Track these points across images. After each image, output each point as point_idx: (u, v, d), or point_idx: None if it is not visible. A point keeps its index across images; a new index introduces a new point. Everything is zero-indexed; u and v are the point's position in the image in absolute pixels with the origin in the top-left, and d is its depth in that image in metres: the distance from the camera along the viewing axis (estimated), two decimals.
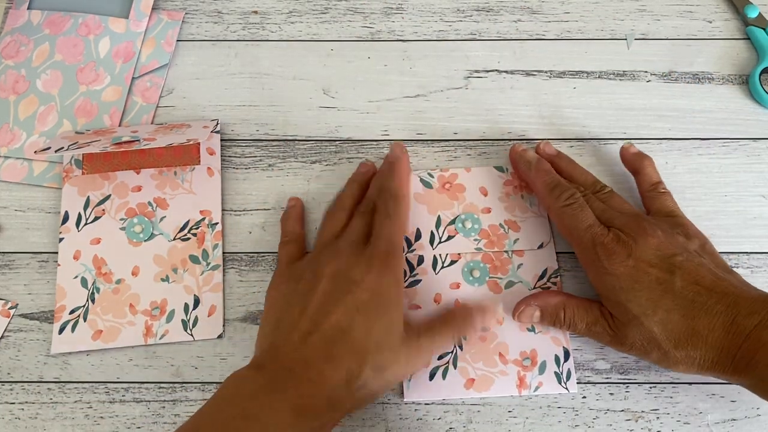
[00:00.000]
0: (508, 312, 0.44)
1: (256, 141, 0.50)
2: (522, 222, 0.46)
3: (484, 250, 0.46)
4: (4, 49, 0.52)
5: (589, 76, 0.52)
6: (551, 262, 0.46)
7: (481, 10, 0.53)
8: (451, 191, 0.47)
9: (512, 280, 0.45)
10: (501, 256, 0.46)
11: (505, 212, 0.47)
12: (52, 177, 0.49)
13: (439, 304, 0.45)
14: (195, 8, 0.54)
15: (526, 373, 0.43)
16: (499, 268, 0.45)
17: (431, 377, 0.43)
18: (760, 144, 0.50)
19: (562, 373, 0.43)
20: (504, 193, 0.47)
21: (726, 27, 0.53)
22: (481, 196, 0.47)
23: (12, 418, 0.44)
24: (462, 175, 0.48)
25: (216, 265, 0.47)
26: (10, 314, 0.46)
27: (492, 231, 0.46)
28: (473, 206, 0.47)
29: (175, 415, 0.44)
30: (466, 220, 0.46)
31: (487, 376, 0.43)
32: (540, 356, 0.44)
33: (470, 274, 0.45)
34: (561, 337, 0.44)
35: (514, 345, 0.44)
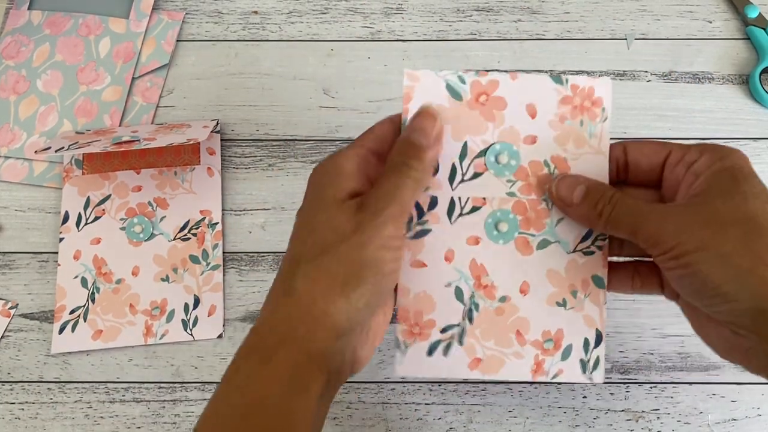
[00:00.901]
0: (535, 282, 0.35)
1: (256, 141, 0.50)
2: (574, 160, 0.35)
3: (518, 195, 0.35)
4: (4, 49, 0.52)
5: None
6: None
7: (481, 10, 0.53)
8: (487, 107, 0.35)
9: (547, 239, 0.35)
10: (538, 205, 0.35)
11: (554, 144, 0.35)
12: (52, 177, 0.49)
13: (451, 263, 0.35)
14: (195, 8, 0.54)
15: (546, 357, 0.35)
16: (533, 222, 0.35)
17: (430, 352, 0.35)
18: (760, 144, 0.50)
19: (589, 360, 0.35)
20: (558, 115, 0.35)
21: (726, 27, 0.53)
22: (526, 117, 0.35)
23: (12, 418, 0.44)
24: (505, 83, 0.35)
25: (216, 265, 0.47)
26: (11, 314, 0.46)
27: (533, 170, 0.35)
28: (514, 132, 0.35)
29: (175, 415, 0.44)
30: (501, 153, 0.35)
31: (497, 357, 0.35)
32: (566, 338, 0.35)
33: (495, 228, 0.35)
34: (596, 316, 0.35)
35: (536, 322, 0.35)
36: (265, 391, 0.29)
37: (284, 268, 0.32)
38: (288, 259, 0.32)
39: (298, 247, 0.32)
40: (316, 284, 0.30)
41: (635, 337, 0.46)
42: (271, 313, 0.31)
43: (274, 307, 0.31)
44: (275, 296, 0.31)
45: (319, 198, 0.32)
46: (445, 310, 0.35)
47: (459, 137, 0.35)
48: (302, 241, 0.32)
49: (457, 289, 0.35)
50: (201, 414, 0.30)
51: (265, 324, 0.31)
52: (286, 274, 0.31)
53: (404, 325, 0.35)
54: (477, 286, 0.35)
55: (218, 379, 0.45)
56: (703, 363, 0.45)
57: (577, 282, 0.35)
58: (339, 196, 0.31)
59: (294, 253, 0.32)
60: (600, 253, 0.35)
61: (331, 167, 0.32)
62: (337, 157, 0.33)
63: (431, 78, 0.35)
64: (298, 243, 0.32)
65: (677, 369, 0.45)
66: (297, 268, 0.31)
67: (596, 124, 0.35)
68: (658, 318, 0.46)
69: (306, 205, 0.33)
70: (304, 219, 0.32)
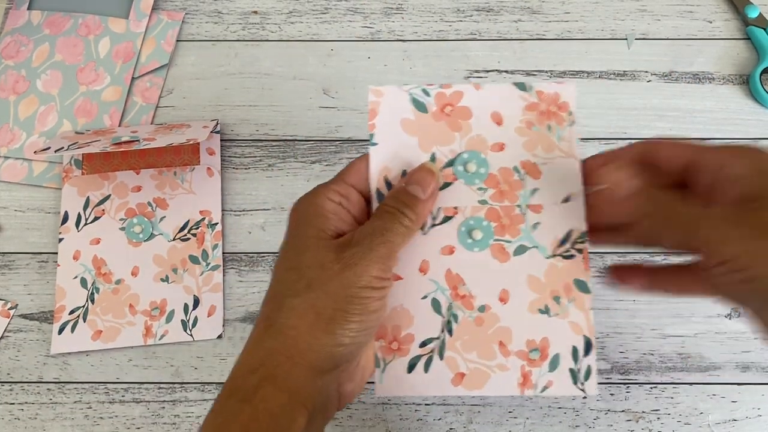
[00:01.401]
0: (515, 290, 0.34)
1: (256, 141, 0.50)
2: (545, 165, 0.35)
3: (490, 203, 0.34)
4: (4, 49, 0.52)
5: (589, 76, 0.52)
6: (577, 223, 0.34)
7: (481, 10, 0.53)
8: (452, 117, 0.35)
9: (524, 245, 0.34)
10: (512, 211, 0.34)
11: (523, 150, 0.35)
12: (51, 177, 0.49)
13: (426, 274, 0.34)
14: (195, 8, 0.54)
15: (533, 369, 0.34)
16: (508, 228, 0.34)
17: (411, 369, 0.34)
18: (761, 144, 0.50)
19: (579, 370, 0.33)
20: (525, 121, 0.35)
21: (726, 27, 0.53)
22: (492, 125, 0.35)
23: (12, 418, 0.44)
24: (469, 94, 0.35)
25: (216, 265, 0.47)
26: (10, 314, 0.46)
27: (503, 177, 0.35)
28: (481, 140, 0.35)
29: (174, 416, 0.44)
30: (469, 162, 0.34)
31: (481, 371, 0.34)
32: (553, 347, 0.34)
33: (469, 236, 0.34)
34: (582, 322, 0.34)
35: (519, 331, 0.34)
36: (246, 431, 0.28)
37: (267, 304, 0.31)
38: (271, 296, 0.31)
39: (281, 284, 0.31)
40: (302, 320, 0.30)
41: (635, 337, 0.46)
42: (253, 349, 0.30)
43: (257, 342, 0.30)
44: (258, 332, 0.31)
45: (302, 236, 0.32)
46: (423, 323, 0.34)
47: (427, 149, 0.35)
48: (286, 278, 0.31)
49: (434, 301, 0.34)
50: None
51: (246, 361, 0.30)
52: (270, 310, 0.31)
53: (382, 342, 0.34)
54: (454, 296, 0.34)
55: (218, 380, 0.45)
56: (703, 363, 0.45)
57: (559, 287, 0.34)
58: (323, 236, 0.31)
59: (277, 290, 0.31)
60: (580, 256, 0.34)
61: (312, 207, 0.32)
62: (318, 196, 0.32)
63: (396, 93, 0.35)
64: (282, 280, 0.31)
65: (677, 369, 0.45)
66: (282, 303, 0.30)
67: (564, 128, 0.35)
68: (658, 318, 0.46)
69: (289, 243, 0.32)
70: (288, 257, 0.32)
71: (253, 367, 0.29)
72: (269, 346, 0.30)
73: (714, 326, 0.46)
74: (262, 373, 0.29)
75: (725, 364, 0.45)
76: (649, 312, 0.46)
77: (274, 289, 0.31)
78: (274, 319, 0.30)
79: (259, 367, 0.29)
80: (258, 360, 0.29)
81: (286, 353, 0.29)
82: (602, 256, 0.47)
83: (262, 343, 0.30)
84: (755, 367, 0.45)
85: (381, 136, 0.35)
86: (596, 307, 0.46)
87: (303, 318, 0.30)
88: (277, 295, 0.31)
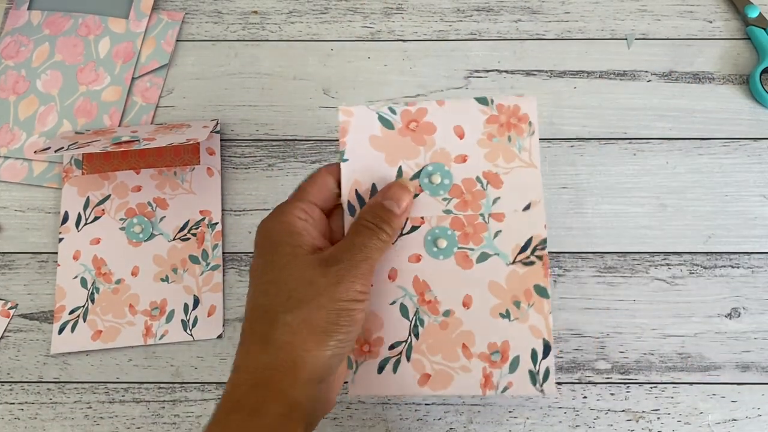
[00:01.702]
0: (478, 295, 0.36)
1: (256, 141, 0.50)
2: (506, 174, 0.36)
3: (454, 212, 0.36)
4: (4, 49, 0.52)
5: (589, 76, 0.52)
6: (538, 229, 0.36)
7: (481, 10, 0.53)
8: (417, 133, 0.37)
9: (486, 252, 0.36)
10: (475, 220, 0.36)
11: (484, 161, 0.36)
12: (52, 177, 0.49)
13: (395, 281, 0.36)
14: (195, 8, 0.54)
15: (494, 370, 0.35)
16: (471, 236, 0.36)
17: (380, 370, 0.36)
18: (761, 144, 0.50)
19: (538, 372, 0.35)
20: (486, 134, 0.37)
21: (726, 27, 0.53)
22: (455, 139, 0.37)
23: (12, 418, 0.44)
24: (432, 110, 0.37)
25: (216, 265, 0.47)
26: (10, 314, 0.46)
27: (466, 187, 0.36)
28: (444, 153, 0.37)
29: (174, 416, 0.44)
30: (434, 174, 0.36)
31: (446, 372, 0.36)
32: (513, 350, 0.35)
33: (434, 244, 0.36)
34: (542, 326, 0.35)
35: (481, 335, 0.35)
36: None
37: (256, 319, 0.33)
38: (258, 311, 0.33)
39: (267, 297, 0.32)
40: (296, 335, 0.31)
41: (635, 337, 0.46)
42: (252, 364, 0.32)
43: (255, 357, 0.32)
44: (252, 347, 0.32)
45: (279, 253, 0.33)
46: (392, 327, 0.36)
47: (393, 163, 0.37)
48: (271, 293, 0.32)
49: (402, 306, 0.36)
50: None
51: (245, 376, 0.31)
52: (263, 327, 0.32)
53: (354, 344, 0.36)
54: (421, 301, 0.36)
55: (218, 380, 0.45)
56: (703, 363, 0.45)
57: (520, 293, 0.36)
58: (300, 252, 0.33)
59: (263, 304, 0.32)
60: (540, 263, 0.35)
61: (284, 225, 0.34)
62: (286, 215, 0.34)
63: (364, 112, 0.37)
64: (266, 293, 0.33)
65: (677, 369, 0.45)
66: (275, 319, 0.31)
67: (524, 138, 0.36)
68: (658, 318, 0.46)
69: (264, 259, 0.33)
70: (266, 271, 0.33)
71: (254, 383, 0.31)
72: (268, 361, 0.31)
73: (714, 326, 0.46)
74: (263, 388, 0.31)
75: (725, 364, 0.45)
76: (649, 312, 0.46)
77: (259, 303, 0.33)
78: (270, 336, 0.31)
79: (260, 382, 0.31)
80: (258, 375, 0.31)
81: (285, 368, 0.31)
82: (602, 256, 0.47)
83: (260, 358, 0.31)
84: (755, 367, 0.45)
85: (351, 153, 0.37)
86: (596, 307, 0.46)
87: (297, 333, 0.31)
88: (267, 310, 0.32)
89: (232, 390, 0.31)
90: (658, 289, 0.47)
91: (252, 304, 0.33)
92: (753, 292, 0.46)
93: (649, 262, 0.47)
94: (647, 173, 0.49)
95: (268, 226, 0.34)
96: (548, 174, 0.49)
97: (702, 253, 0.47)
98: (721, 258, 0.47)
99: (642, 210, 0.48)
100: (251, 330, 0.33)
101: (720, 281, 0.47)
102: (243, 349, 0.32)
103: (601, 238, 0.48)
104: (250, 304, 0.33)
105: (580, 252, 0.47)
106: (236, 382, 0.31)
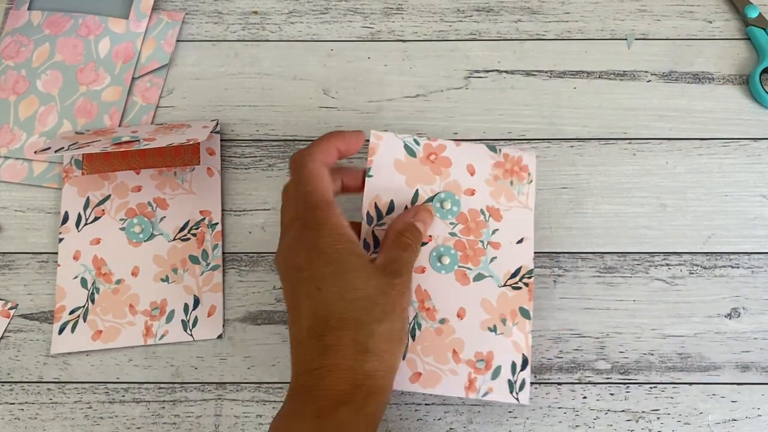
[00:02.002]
0: (471, 309, 0.41)
1: (256, 141, 0.50)
2: (506, 211, 0.43)
3: (459, 236, 0.42)
4: (4, 49, 0.52)
5: (589, 76, 0.52)
6: (527, 260, 0.42)
7: (481, 10, 0.53)
8: (435, 164, 0.43)
9: (482, 273, 0.42)
10: (475, 245, 0.42)
11: (489, 197, 0.43)
12: (52, 177, 0.49)
13: None
14: (195, 9, 0.54)
15: (478, 375, 0.40)
16: (471, 258, 0.42)
17: None
18: (761, 144, 0.50)
19: (515, 381, 0.40)
20: (492, 175, 0.43)
21: (726, 27, 0.53)
22: (467, 174, 0.43)
23: (12, 418, 0.44)
24: (450, 148, 0.43)
25: (216, 265, 0.47)
26: (10, 314, 0.46)
27: (471, 216, 0.42)
28: (456, 185, 0.43)
29: (174, 416, 0.44)
30: (445, 200, 0.42)
31: (436, 372, 0.40)
32: (496, 360, 0.40)
33: (438, 260, 0.41)
34: (522, 342, 0.41)
35: (470, 344, 0.40)
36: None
37: (344, 327, 0.35)
38: (344, 319, 0.35)
39: (349, 307, 0.36)
40: (386, 343, 0.36)
41: (635, 337, 0.46)
42: (352, 368, 0.35)
43: (352, 361, 0.35)
44: (347, 352, 0.35)
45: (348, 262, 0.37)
46: None
47: (412, 186, 0.43)
48: (355, 303, 0.36)
49: None
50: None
51: (345, 376, 0.35)
52: (357, 335, 0.35)
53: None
54: (420, 308, 0.41)
55: (218, 380, 0.45)
56: (703, 363, 0.45)
57: (507, 312, 0.41)
58: (364, 260, 0.37)
59: (349, 314, 0.35)
60: (526, 288, 0.42)
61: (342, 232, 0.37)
62: (342, 227, 0.38)
63: (393, 139, 0.43)
64: (347, 303, 0.36)
65: (677, 369, 0.45)
66: (370, 330, 0.35)
67: (524, 185, 0.43)
68: (657, 318, 0.46)
69: (330, 269, 0.36)
70: (339, 281, 0.36)
71: (357, 384, 0.35)
72: (370, 367, 0.35)
73: (714, 326, 0.46)
74: (365, 388, 0.35)
75: (725, 364, 0.45)
76: (649, 312, 0.46)
77: (339, 309, 0.36)
78: (368, 345, 0.35)
79: (362, 384, 0.35)
80: (360, 378, 0.35)
81: (385, 373, 0.36)
82: (602, 256, 0.47)
83: (363, 365, 0.35)
84: (755, 367, 0.45)
85: (376, 171, 0.42)
86: (596, 307, 0.46)
87: (387, 341, 0.36)
88: (358, 319, 0.35)
89: (333, 388, 0.34)
90: (657, 289, 0.47)
91: (329, 309, 0.35)
92: (753, 292, 0.46)
93: (648, 262, 0.47)
94: (647, 173, 0.49)
95: (327, 232, 0.37)
96: (548, 174, 0.49)
97: (702, 253, 0.47)
98: (721, 258, 0.47)
99: (642, 210, 0.48)
100: (341, 336, 0.35)
101: (720, 281, 0.47)
102: (334, 351, 0.35)
103: (601, 238, 0.48)
104: (325, 309, 0.35)
105: (579, 252, 0.47)
106: (335, 381, 0.34)
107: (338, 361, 0.35)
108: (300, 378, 0.36)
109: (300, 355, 0.36)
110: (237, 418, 0.44)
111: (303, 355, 0.36)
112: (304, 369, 0.36)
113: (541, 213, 0.48)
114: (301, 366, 0.36)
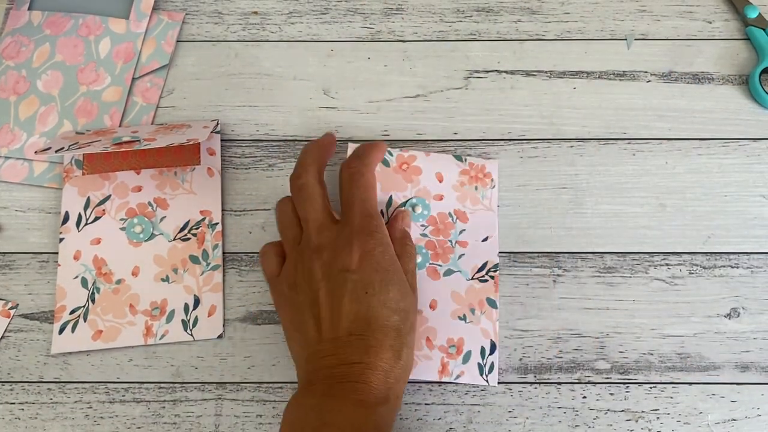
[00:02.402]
0: (442, 300, 0.45)
1: (256, 141, 0.50)
2: (471, 214, 0.47)
3: (429, 236, 0.46)
4: (4, 49, 0.52)
5: (589, 76, 0.52)
6: (492, 256, 0.46)
7: (481, 11, 0.53)
8: (407, 172, 0.47)
9: (451, 269, 0.46)
10: (445, 244, 0.46)
11: (456, 202, 0.47)
12: (52, 177, 0.49)
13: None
14: (195, 9, 0.54)
15: (450, 360, 0.44)
16: (441, 256, 0.46)
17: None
18: (760, 144, 0.50)
19: (485, 365, 0.44)
20: (459, 182, 0.47)
21: (726, 27, 0.53)
22: (435, 181, 0.47)
23: (12, 418, 0.44)
24: (421, 158, 0.48)
25: (216, 265, 0.47)
26: (11, 314, 0.46)
27: (440, 219, 0.46)
28: (426, 191, 0.47)
29: (175, 416, 0.44)
30: (416, 205, 0.46)
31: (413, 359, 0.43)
32: (466, 346, 0.44)
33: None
34: (490, 329, 0.44)
35: (442, 331, 0.44)
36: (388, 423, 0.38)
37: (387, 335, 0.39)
38: (391, 330, 0.39)
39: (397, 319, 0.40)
40: (411, 352, 0.41)
41: (635, 337, 0.46)
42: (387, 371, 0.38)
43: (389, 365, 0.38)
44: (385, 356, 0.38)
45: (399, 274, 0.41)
46: None
47: (386, 191, 0.47)
48: (402, 316, 0.40)
49: None
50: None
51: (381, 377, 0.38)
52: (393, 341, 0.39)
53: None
54: None
55: (218, 380, 0.45)
56: (702, 363, 0.45)
57: (475, 302, 0.45)
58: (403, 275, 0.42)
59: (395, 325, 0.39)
60: (492, 281, 0.45)
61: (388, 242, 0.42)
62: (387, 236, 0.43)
63: None
64: (399, 317, 0.40)
65: (677, 369, 0.45)
66: (404, 340, 0.40)
67: (487, 190, 0.48)
68: (657, 318, 0.46)
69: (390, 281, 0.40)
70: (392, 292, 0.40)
71: (389, 385, 0.38)
72: (398, 374, 0.39)
73: (714, 326, 0.46)
74: (395, 393, 0.39)
75: (725, 364, 0.45)
76: (649, 312, 0.46)
77: (392, 322, 0.39)
78: (401, 353, 0.39)
79: (393, 385, 0.38)
80: (392, 382, 0.38)
81: (403, 382, 0.40)
82: (602, 256, 0.47)
83: (395, 370, 0.39)
84: (755, 367, 0.45)
85: None
86: (595, 307, 0.46)
87: (411, 353, 0.41)
88: (396, 329, 0.39)
89: (371, 383, 0.37)
90: (657, 289, 0.47)
91: (372, 314, 0.39)
92: (752, 292, 0.46)
93: (648, 262, 0.47)
94: (647, 173, 0.49)
95: (379, 241, 0.41)
96: (548, 174, 0.49)
97: (701, 253, 0.47)
98: (721, 258, 0.47)
99: (641, 210, 0.48)
100: (381, 339, 0.38)
101: (719, 281, 0.47)
102: (375, 351, 0.38)
103: (601, 238, 0.48)
104: (369, 312, 0.39)
105: (579, 252, 0.47)
106: (374, 378, 0.37)
107: (378, 362, 0.38)
108: (338, 368, 0.38)
109: (337, 348, 0.38)
110: (237, 418, 0.44)
111: (341, 348, 0.38)
112: (341, 361, 0.38)
113: (541, 213, 0.48)
114: (335, 359, 0.38)
